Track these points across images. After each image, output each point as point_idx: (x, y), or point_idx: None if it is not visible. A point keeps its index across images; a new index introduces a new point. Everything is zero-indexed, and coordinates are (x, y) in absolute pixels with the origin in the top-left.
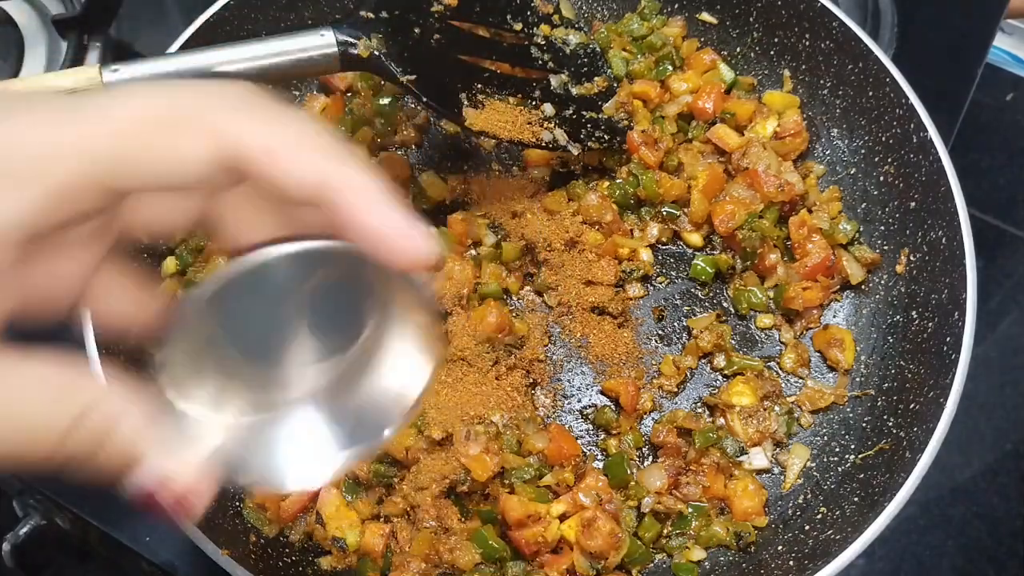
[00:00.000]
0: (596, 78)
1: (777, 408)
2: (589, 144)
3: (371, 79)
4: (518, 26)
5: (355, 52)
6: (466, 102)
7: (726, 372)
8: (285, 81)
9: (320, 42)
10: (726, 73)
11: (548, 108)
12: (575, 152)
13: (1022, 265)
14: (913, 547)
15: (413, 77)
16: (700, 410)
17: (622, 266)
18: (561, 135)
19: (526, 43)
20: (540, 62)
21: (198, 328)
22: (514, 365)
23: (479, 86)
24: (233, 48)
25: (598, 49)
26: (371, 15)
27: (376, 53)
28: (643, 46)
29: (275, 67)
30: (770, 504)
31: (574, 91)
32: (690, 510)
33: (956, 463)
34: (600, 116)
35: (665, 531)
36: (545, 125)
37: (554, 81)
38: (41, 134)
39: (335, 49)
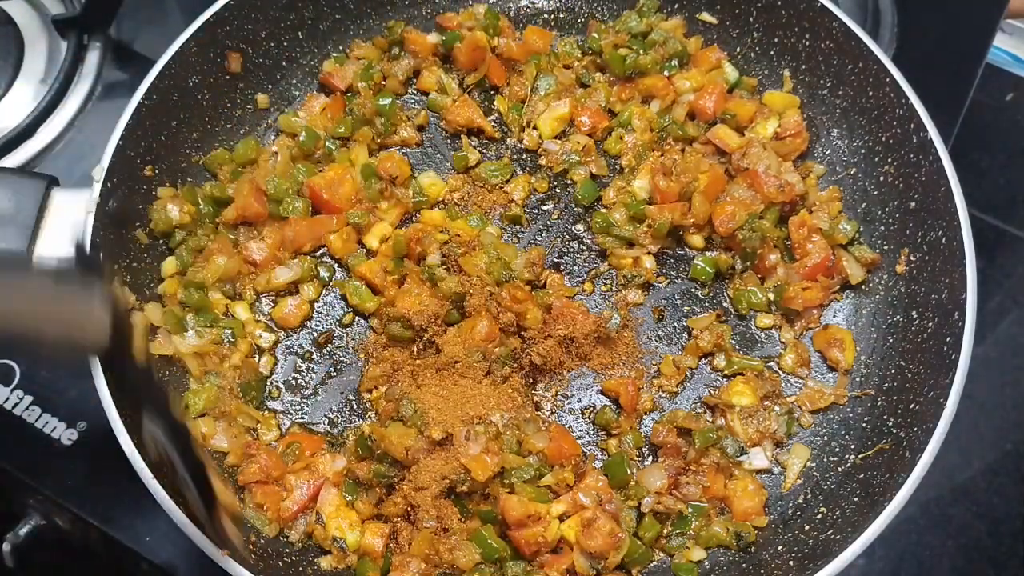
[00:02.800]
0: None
1: (777, 408)
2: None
3: (371, 78)
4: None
5: None
6: None
7: (726, 372)
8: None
9: None
10: (730, 72)
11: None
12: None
13: (1022, 265)
14: (913, 547)
15: None
16: (700, 410)
17: (623, 271)
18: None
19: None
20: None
21: None
22: (511, 372)
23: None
24: None
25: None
26: None
27: None
28: (646, 44)
29: None
30: (770, 504)
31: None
32: (690, 510)
33: (956, 463)
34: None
35: (665, 531)
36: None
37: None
38: None
39: None
